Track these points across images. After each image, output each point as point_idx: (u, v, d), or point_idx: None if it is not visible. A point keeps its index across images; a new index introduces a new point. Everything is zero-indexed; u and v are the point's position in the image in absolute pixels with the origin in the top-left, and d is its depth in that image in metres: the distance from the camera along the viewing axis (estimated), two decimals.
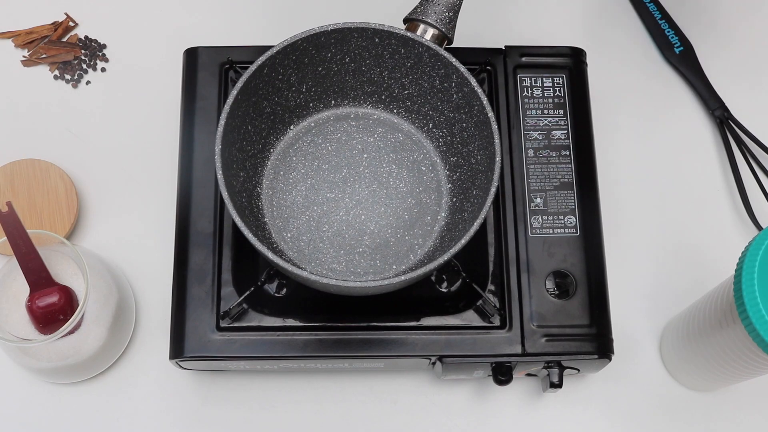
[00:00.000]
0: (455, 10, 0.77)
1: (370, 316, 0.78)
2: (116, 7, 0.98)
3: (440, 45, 0.77)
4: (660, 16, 0.98)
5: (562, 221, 0.81)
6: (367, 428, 0.84)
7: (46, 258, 0.77)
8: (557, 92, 0.85)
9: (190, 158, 0.81)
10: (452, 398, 0.85)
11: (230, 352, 0.76)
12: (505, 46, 0.86)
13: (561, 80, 0.85)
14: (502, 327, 0.78)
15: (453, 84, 0.77)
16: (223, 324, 0.77)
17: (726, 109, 0.94)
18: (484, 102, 0.74)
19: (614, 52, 0.98)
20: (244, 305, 0.78)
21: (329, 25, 0.75)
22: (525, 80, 0.85)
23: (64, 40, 0.96)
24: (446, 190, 0.82)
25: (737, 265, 0.68)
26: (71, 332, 0.78)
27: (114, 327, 0.80)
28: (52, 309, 0.76)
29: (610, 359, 0.78)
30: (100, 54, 0.95)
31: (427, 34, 0.77)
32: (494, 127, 0.73)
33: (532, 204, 0.81)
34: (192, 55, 0.85)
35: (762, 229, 0.86)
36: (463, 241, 0.69)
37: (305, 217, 0.80)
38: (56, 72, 0.95)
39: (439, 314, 0.78)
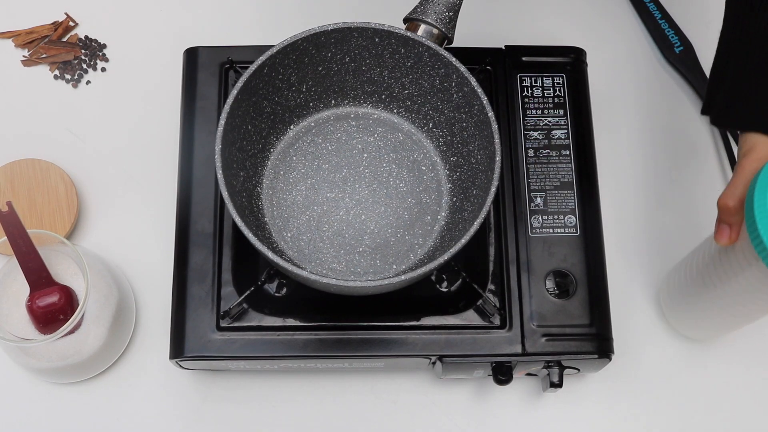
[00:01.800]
0: (455, 10, 0.77)
1: (370, 315, 0.78)
2: (116, 7, 0.98)
3: (440, 45, 0.77)
4: (660, 16, 0.98)
5: (562, 221, 0.81)
6: (367, 428, 0.84)
7: (46, 258, 0.77)
8: (557, 92, 0.85)
9: (190, 158, 0.81)
10: (452, 398, 0.85)
11: (230, 352, 0.76)
12: (505, 46, 0.86)
13: (561, 80, 0.85)
14: (502, 327, 0.78)
15: (453, 84, 0.77)
16: (223, 324, 0.77)
17: None
18: (484, 102, 0.74)
19: (614, 52, 0.98)
20: (244, 305, 0.78)
21: (329, 24, 0.75)
22: (525, 80, 0.85)
23: (64, 40, 0.96)
24: (446, 190, 0.82)
25: (750, 186, 0.66)
26: (71, 332, 0.78)
27: (114, 327, 0.80)
28: (52, 309, 0.76)
29: (610, 359, 0.78)
30: (100, 54, 0.95)
31: (427, 34, 0.77)
32: (494, 126, 0.73)
33: (532, 204, 0.81)
34: (192, 55, 0.85)
35: None
36: (463, 241, 0.69)
37: (305, 216, 0.80)
38: (56, 72, 0.95)
39: (439, 314, 0.78)
